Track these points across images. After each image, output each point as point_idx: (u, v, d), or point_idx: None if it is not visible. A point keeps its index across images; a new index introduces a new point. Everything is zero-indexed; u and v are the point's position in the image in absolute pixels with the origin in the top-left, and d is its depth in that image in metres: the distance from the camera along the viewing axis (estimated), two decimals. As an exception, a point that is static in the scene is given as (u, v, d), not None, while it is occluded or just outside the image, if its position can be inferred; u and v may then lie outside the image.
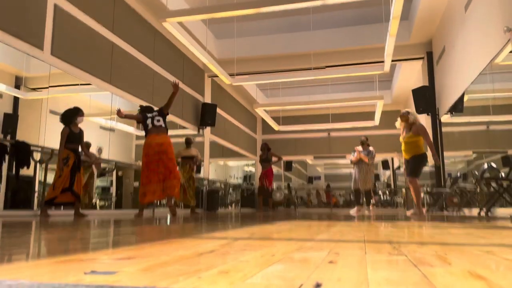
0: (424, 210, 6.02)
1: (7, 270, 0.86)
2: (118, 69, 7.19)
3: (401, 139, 6.04)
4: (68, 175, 5.14)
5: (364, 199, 8.36)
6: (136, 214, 5.32)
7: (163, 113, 5.53)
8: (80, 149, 5.39)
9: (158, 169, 5.24)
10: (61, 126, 5.17)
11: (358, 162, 7.96)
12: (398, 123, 6.07)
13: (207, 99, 11.06)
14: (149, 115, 5.45)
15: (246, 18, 8.92)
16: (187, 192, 7.67)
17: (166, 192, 5.28)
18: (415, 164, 5.75)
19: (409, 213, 6.03)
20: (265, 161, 9.46)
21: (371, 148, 7.94)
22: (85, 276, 0.77)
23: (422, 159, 5.76)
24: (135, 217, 5.22)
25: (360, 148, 7.99)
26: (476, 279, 0.77)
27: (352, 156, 8.07)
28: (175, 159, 5.53)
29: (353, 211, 7.84)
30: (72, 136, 5.21)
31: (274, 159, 9.58)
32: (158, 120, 5.41)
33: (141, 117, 5.45)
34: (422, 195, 11.94)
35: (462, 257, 1.12)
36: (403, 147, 5.96)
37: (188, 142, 7.90)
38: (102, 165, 7.78)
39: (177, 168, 5.63)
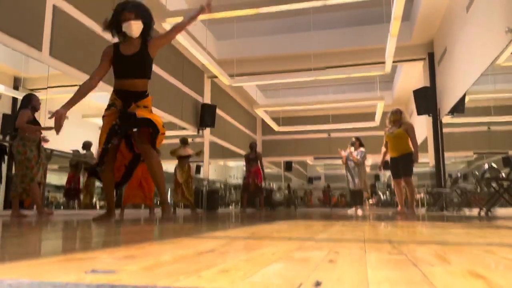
0: (400, 208, 6.18)
1: (7, 269, 0.86)
2: (118, 70, 7.19)
3: (387, 136, 6.12)
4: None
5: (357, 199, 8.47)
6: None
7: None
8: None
9: None
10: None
11: (348, 163, 8.06)
12: (389, 120, 6.17)
13: (207, 100, 11.06)
14: None
15: (246, 19, 8.92)
16: (185, 192, 7.68)
17: None
18: (409, 162, 5.86)
19: (398, 210, 6.12)
20: (253, 160, 9.52)
21: (362, 149, 8.01)
22: (85, 275, 0.77)
23: (411, 157, 5.87)
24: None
25: (352, 149, 8.06)
26: (476, 278, 0.78)
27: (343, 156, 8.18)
28: None
29: (350, 211, 7.98)
30: None
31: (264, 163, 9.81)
32: None
33: None
34: (422, 195, 12.01)
35: (462, 256, 1.12)
36: (391, 144, 6.02)
37: (184, 141, 7.89)
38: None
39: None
